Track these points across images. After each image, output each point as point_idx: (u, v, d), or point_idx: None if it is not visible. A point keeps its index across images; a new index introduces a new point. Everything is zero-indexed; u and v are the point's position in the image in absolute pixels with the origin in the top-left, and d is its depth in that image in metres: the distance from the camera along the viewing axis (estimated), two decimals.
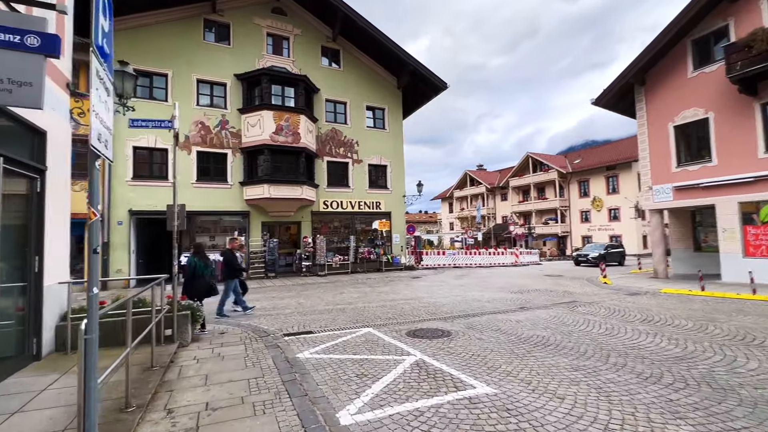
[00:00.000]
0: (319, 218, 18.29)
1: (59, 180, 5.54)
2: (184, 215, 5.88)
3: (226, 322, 7.78)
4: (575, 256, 23.97)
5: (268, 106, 16.05)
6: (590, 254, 22.75)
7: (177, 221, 5.72)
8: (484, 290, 12.18)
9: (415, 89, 20.72)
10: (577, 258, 23.45)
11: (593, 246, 25.63)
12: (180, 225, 5.83)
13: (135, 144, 14.61)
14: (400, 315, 8.25)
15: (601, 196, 40.05)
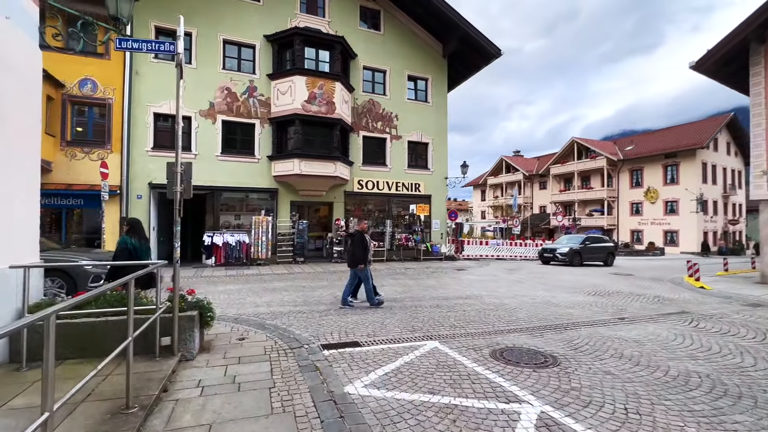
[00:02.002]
0: (353, 199, 16.57)
1: (13, 119, 3.93)
2: (190, 178, 4.18)
3: (262, 323, 6.18)
4: (540, 252, 18.36)
5: (300, 71, 14.27)
6: (559, 249, 17.20)
7: (180, 186, 4.04)
8: (551, 289, 10.11)
9: (462, 57, 18.36)
10: (542, 254, 17.96)
11: (566, 239, 19.04)
12: (184, 192, 4.14)
13: (156, 110, 13.25)
14: (466, 321, 6.40)
15: (657, 186, 36.27)
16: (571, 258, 16.62)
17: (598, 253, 17.92)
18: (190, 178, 4.16)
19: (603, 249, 18.18)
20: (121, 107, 12.75)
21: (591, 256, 17.53)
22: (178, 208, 4.05)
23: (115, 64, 12.77)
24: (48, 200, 12.11)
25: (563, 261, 16.72)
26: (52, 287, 7.34)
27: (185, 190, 4.13)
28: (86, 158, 12.43)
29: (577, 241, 18.00)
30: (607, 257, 18.09)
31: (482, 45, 16.99)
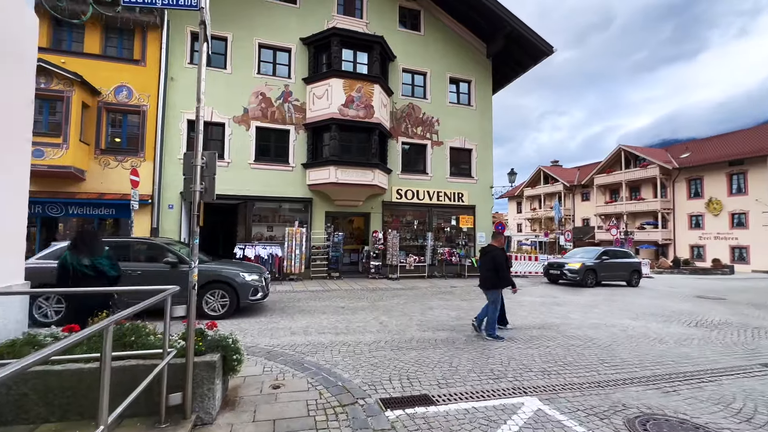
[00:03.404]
0: (391, 210, 15.38)
1: None
2: (213, 173, 3.08)
3: (301, 361, 5.01)
4: (545, 268, 15.52)
5: (337, 73, 13.41)
6: (568, 265, 14.16)
7: (200, 185, 2.95)
8: (637, 317, 8.36)
9: (508, 57, 16.99)
10: (548, 271, 15.14)
11: (579, 253, 15.99)
12: (207, 192, 3.05)
13: (189, 117, 12.73)
14: (558, 363, 4.93)
15: (720, 197, 32.75)
16: (584, 276, 13.69)
17: (618, 270, 14.78)
18: (213, 174, 3.07)
19: (625, 266, 14.95)
20: (155, 114, 12.32)
21: (609, 274, 14.55)
22: (197, 213, 2.96)
23: (150, 71, 12.41)
24: (80, 210, 11.72)
25: (573, 279, 13.87)
26: (216, 300, 7.18)
27: (207, 190, 3.04)
28: (119, 166, 12.01)
29: (592, 255, 14.78)
30: (631, 276, 14.92)
31: (532, 42, 15.59)
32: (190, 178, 2.97)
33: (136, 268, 6.96)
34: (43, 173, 10.95)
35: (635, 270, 15.18)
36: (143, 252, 7.51)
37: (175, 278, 6.82)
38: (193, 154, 3.00)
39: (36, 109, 11.75)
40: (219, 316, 7.11)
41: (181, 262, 7.13)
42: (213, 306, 7.19)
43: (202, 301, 7.00)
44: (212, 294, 7.18)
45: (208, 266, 7.47)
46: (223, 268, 7.56)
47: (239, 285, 7.30)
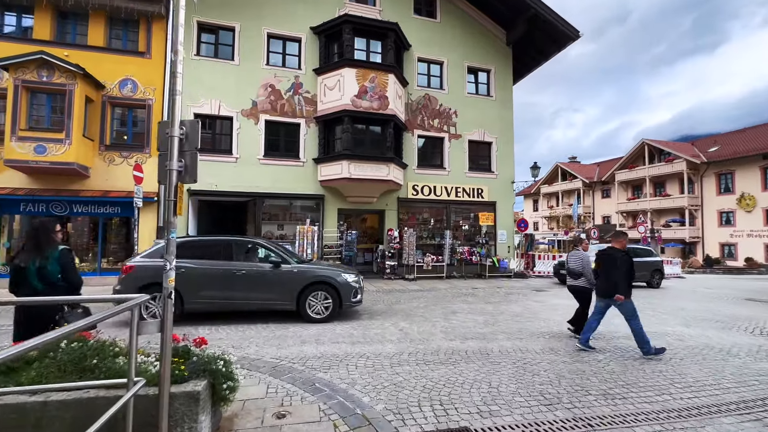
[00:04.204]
0: (406, 207, 14.61)
1: None
2: (195, 146, 2.36)
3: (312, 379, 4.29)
4: (555, 268, 14.27)
5: (349, 62, 12.71)
6: None
7: (179, 163, 2.24)
8: (688, 323, 7.41)
9: (529, 44, 16.02)
10: (558, 271, 13.82)
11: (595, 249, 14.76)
12: (187, 172, 2.34)
13: (196, 110, 12.19)
14: (618, 383, 4.09)
15: (754, 192, 30.91)
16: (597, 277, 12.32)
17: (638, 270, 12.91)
18: (195, 148, 2.36)
19: (645, 266, 13.22)
20: (161, 108, 11.82)
21: None
22: (172, 199, 2.25)
23: (155, 63, 11.92)
24: (85, 208, 11.30)
25: None
26: (320, 302, 6.87)
27: (188, 170, 2.33)
28: (124, 163, 11.54)
29: None
30: (652, 277, 13.47)
31: (556, 26, 14.59)
32: (165, 154, 2.26)
33: (240, 268, 6.69)
34: (45, 170, 10.55)
35: (656, 269, 13.69)
36: (243, 251, 7.20)
37: (279, 278, 6.73)
38: (168, 122, 2.29)
39: (38, 103, 11.46)
40: (323, 319, 6.80)
41: (284, 261, 6.91)
42: (316, 309, 6.84)
43: (305, 304, 6.75)
44: (315, 296, 6.85)
45: (308, 266, 7.22)
46: (323, 268, 7.30)
47: (342, 286, 6.94)
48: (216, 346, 5.05)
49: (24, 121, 10.37)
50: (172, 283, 2.29)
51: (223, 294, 6.53)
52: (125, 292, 6.12)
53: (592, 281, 6.09)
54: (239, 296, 6.60)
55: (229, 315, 7.14)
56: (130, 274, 6.41)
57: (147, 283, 6.21)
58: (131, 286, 6.21)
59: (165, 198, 11.66)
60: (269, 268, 6.77)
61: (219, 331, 6.09)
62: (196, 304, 6.44)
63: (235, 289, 6.56)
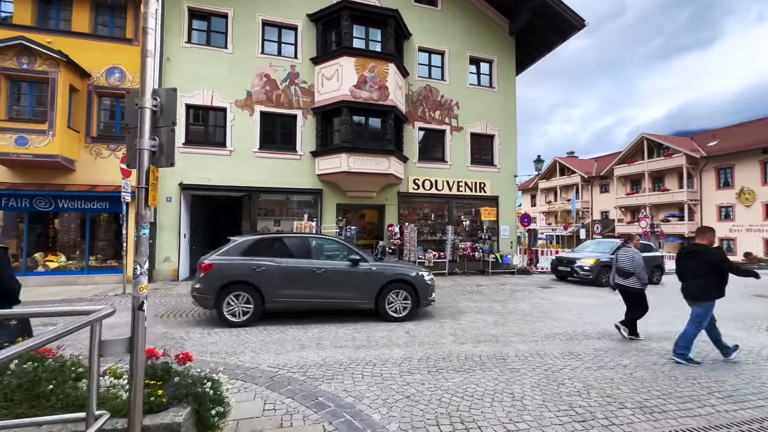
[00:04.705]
0: (407, 201, 14.17)
1: None
2: (172, 122, 1.91)
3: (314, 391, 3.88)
4: (553, 263, 13.68)
5: (348, 51, 12.18)
6: (580, 261, 12.30)
7: (152, 141, 1.78)
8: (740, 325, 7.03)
9: (533, 34, 15.55)
10: (556, 267, 13.30)
11: (591, 246, 13.94)
12: (164, 155, 1.88)
13: (188, 101, 11.64)
14: (650, 393, 3.70)
15: (753, 186, 30.77)
16: (598, 274, 11.85)
17: None
18: (172, 123, 1.90)
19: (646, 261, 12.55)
20: None
21: None
22: (144, 186, 1.80)
23: None
24: (71, 203, 10.76)
25: (585, 277, 12.03)
26: (399, 301, 6.74)
27: (164, 150, 1.88)
28: (112, 156, 10.99)
29: (608, 249, 12.63)
30: (652, 272, 12.60)
31: (561, 15, 14.13)
32: (134, 130, 1.81)
33: (319, 266, 6.56)
34: (28, 163, 9.99)
35: (657, 265, 13.16)
36: (320, 248, 7.03)
37: (358, 276, 6.64)
38: (139, 91, 1.83)
39: (19, 92, 10.86)
40: (401, 318, 6.69)
41: (362, 259, 6.81)
42: (396, 307, 6.73)
43: (384, 302, 6.66)
44: (396, 293, 6.74)
45: (387, 264, 7.21)
46: (401, 266, 7.22)
47: (419, 284, 6.84)
48: (210, 351, 4.62)
49: (4, 111, 9.79)
50: (144, 291, 1.84)
51: (303, 292, 6.43)
52: (206, 292, 6.06)
53: (644, 281, 5.74)
54: (319, 295, 6.51)
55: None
56: (210, 273, 6.14)
57: (229, 282, 6.09)
58: (212, 285, 6.06)
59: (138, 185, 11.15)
60: (348, 266, 6.64)
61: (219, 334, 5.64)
62: (277, 302, 6.33)
63: (315, 288, 6.48)
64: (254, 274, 6.18)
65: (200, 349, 4.94)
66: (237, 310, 6.15)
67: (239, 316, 6.12)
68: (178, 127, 10.55)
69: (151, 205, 1.93)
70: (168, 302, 8.20)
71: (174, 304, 7.96)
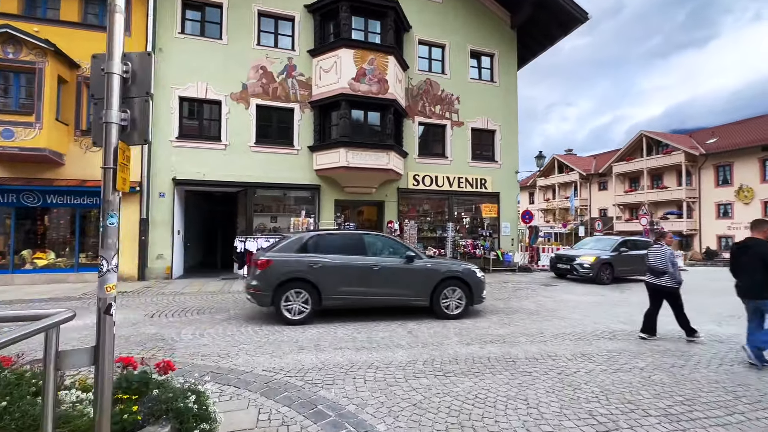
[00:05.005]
0: (407, 198, 13.88)
1: None
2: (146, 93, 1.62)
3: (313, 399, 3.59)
4: (552, 261, 13.28)
5: (347, 43, 11.85)
6: (580, 259, 11.92)
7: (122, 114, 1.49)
8: (720, 322, 6.82)
9: (535, 28, 15.27)
10: (555, 264, 12.94)
11: (591, 243, 13.68)
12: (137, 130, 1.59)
13: (181, 93, 11.29)
14: (673, 398, 3.46)
15: (752, 184, 30.70)
16: (598, 272, 11.53)
17: (638, 264, 11.93)
18: (146, 93, 1.61)
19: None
20: None
21: (628, 268, 12.22)
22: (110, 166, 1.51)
23: (135, 41, 10.94)
24: (60, 198, 10.40)
25: (585, 275, 11.67)
26: (453, 299, 6.67)
27: (137, 125, 1.58)
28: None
29: (608, 246, 12.41)
30: None
31: (563, 7, 13.84)
32: (101, 101, 1.51)
33: (376, 263, 6.47)
34: (14, 157, 9.62)
35: None
36: (376, 245, 6.96)
37: (413, 274, 6.58)
38: (105, 55, 1.53)
39: (4, 83, 10.45)
40: (455, 316, 6.61)
41: (417, 256, 6.77)
42: (449, 304, 6.64)
43: (439, 300, 6.58)
44: (452, 290, 6.67)
45: (441, 261, 7.29)
46: (456, 264, 7.23)
47: (474, 282, 6.81)
48: (201, 353, 4.32)
49: None
50: (112, 292, 1.55)
51: (360, 290, 6.37)
52: (264, 289, 5.98)
53: (679, 279, 5.46)
54: (376, 292, 6.45)
55: (220, 304, 6.39)
56: (268, 269, 6.02)
57: (287, 279, 6.02)
58: (270, 282, 5.98)
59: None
60: (403, 263, 6.58)
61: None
62: (334, 300, 6.25)
63: (371, 285, 6.41)
64: (311, 271, 6.10)
65: (192, 351, 4.65)
66: (294, 307, 6.04)
67: (295, 315, 6.03)
68: (170, 121, 10.22)
69: (120, 190, 1.64)
70: (160, 301, 7.89)
71: (166, 303, 7.65)
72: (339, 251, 6.46)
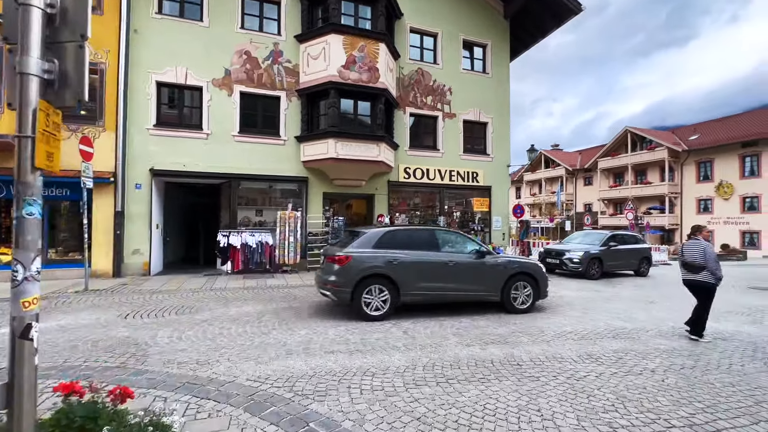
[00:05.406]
0: (398, 191, 13.52)
1: None
2: (82, 37, 1.19)
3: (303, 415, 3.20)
4: (541, 255, 13.14)
5: (336, 28, 11.33)
6: (569, 254, 11.93)
7: (47, 64, 1.06)
8: (718, 318, 6.69)
9: (528, 17, 14.99)
10: (544, 259, 12.54)
11: (579, 238, 13.62)
12: (68, 85, 1.16)
13: (159, 78, 10.60)
14: (692, 405, 3.23)
15: (732, 180, 31.48)
16: (587, 266, 11.50)
17: (627, 258, 12.52)
18: (83, 37, 1.17)
19: (634, 253, 12.77)
20: (116, 74, 10.16)
21: (617, 262, 12.34)
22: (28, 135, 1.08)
23: (108, 21, 10.17)
24: None
25: (574, 270, 11.67)
26: (522, 293, 6.79)
27: (68, 78, 1.15)
28: (73, 137, 9.88)
29: (596, 241, 12.45)
30: (640, 264, 12.75)
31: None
32: (15, 45, 1.08)
33: (450, 259, 6.55)
34: None
35: (645, 257, 13.09)
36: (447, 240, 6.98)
37: (485, 269, 6.69)
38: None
39: None
40: (524, 310, 6.76)
41: (488, 252, 6.94)
42: (518, 299, 6.78)
43: (509, 295, 6.71)
44: (522, 285, 6.79)
45: (511, 257, 7.43)
46: (523, 259, 7.46)
47: (540, 276, 6.96)
48: (178, 360, 3.86)
49: None
50: (32, 308, 1.13)
51: (436, 285, 6.41)
52: (343, 285, 5.96)
53: (718, 275, 5.22)
54: (451, 287, 6.51)
55: (202, 303, 5.92)
56: (347, 265, 6.02)
57: (367, 275, 6.00)
58: (350, 278, 5.97)
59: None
60: (475, 259, 6.68)
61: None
62: (413, 295, 6.26)
63: (447, 280, 6.48)
64: (390, 266, 6.11)
65: (167, 357, 4.21)
66: (374, 303, 6.01)
67: (375, 310, 6.01)
68: (147, 108, 9.54)
69: (42, 167, 1.22)
70: (135, 300, 7.35)
71: (142, 302, 7.12)
72: (413, 247, 6.47)
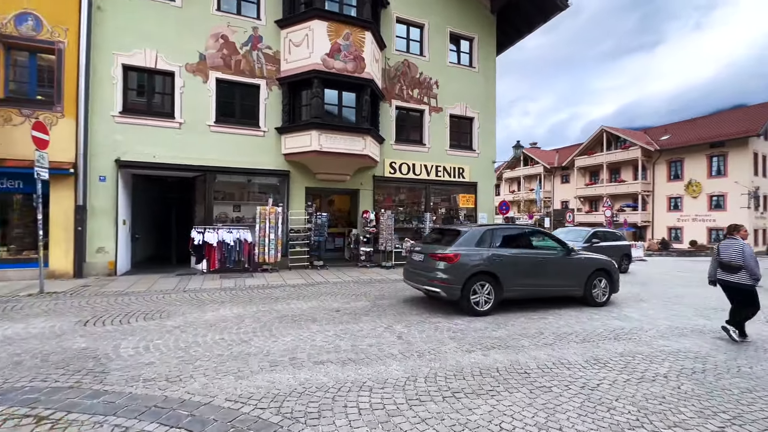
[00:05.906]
0: (383, 186, 13.11)
1: None
2: None
3: None
4: None
5: (320, 13, 10.74)
6: None
7: None
8: (707, 315, 6.66)
9: (515, 13, 14.81)
10: None
11: (563, 233, 13.34)
12: None
13: (126, 61, 9.73)
14: (713, 411, 2.99)
15: (700, 179, 32.79)
16: None
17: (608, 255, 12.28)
18: None
19: (616, 249, 12.70)
20: (77, 55, 9.23)
21: None
22: None
23: None
24: None
25: None
26: (600, 289, 7.21)
27: None
28: (26, 123, 8.92)
29: (579, 237, 12.45)
30: (621, 261, 12.78)
31: None
32: None
33: (544, 256, 6.98)
34: None
35: (625, 254, 13.34)
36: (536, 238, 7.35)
37: (572, 265, 7.08)
38: None
39: None
40: (602, 303, 7.21)
41: (572, 250, 7.30)
42: (597, 293, 7.19)
43: (591, 288, 7.13)
44: (600, 280, 7.21)
45: (591, 255, 7.74)
46: (600, 256, 7.66)
47: (615, 272, 7.41)
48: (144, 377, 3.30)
49: None
50: None
51: (532, 281, 6.73)
52: (453, 282, 6.12)
53: (757, 276, 4.96)
54: (545, 283, 6.85)
55: (175, 307, 5.33)
56: (456, 263, 6.22)
57: (475, 272, 6.20)
58: (459, 274, 6.15)
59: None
60: (563, 256, 7.06)
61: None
62: (513, 291, 6.54)
63: (541, 276, 6.82)
64: (494, 263, 6.36)
65: (131, 373, 3.65)
66: (480, 299, 6.22)
67: (482, 306, 6.22)
68: (112, 93, 8.68)
69: None
70: (98, 303, 6.64)
71: (105, 306, 6.42)
72: (511, 245, 6.76)
